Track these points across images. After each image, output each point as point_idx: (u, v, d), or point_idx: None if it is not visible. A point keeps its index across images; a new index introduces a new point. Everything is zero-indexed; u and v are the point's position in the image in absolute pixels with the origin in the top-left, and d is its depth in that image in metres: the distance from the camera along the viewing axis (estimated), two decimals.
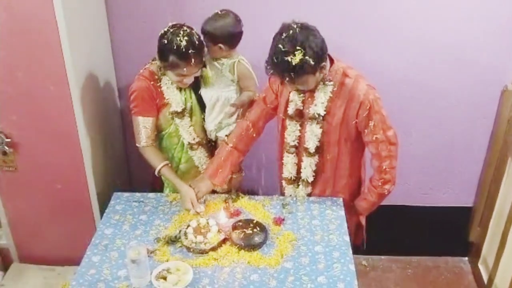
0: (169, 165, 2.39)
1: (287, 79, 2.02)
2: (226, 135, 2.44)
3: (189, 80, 2.28)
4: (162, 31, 2.21)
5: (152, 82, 2.30)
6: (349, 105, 2.15)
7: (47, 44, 2.21)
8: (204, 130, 2.50)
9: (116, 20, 2.72)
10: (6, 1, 2.12)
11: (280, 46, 1.97)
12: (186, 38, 2.15)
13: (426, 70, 2.78)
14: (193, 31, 2.22)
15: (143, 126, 2.34)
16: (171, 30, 2.18)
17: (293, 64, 1.95)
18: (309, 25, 2.01)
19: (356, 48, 2.67)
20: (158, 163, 2.35)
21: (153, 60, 2.36)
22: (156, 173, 2.37)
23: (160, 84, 2.31)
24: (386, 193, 2.28)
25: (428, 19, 2.64)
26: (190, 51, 2.15)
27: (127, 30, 2.74)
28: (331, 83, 2.15)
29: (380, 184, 2.26)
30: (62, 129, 2.40)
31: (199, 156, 2.47)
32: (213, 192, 2.52)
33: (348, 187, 2.40)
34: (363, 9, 2.62)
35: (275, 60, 1.98)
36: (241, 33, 2.30)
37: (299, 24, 2.00)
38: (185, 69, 2.19)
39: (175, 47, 2.15)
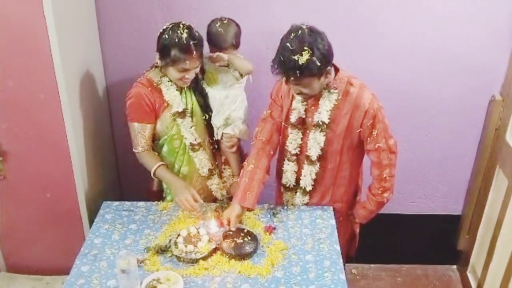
0: (165, 165, 2.38)
1: (292, 78, 2.02)
2: (234, 132, 2.48)
3: (191, 75, 2.27)
4: (161, 30, 2.22)
5: (149, 89, 2.30)
6: (354, 114, 2.16)
7: (37, 52, 2.20)
8: (205, 132, 2.48)
9: (106, 28, 2.71)
10: None
11: (288, 45, 1.98)
12: (186, 30, 2.18)
13: (414, 79, 2.80)
14: (192, 25, 2.23)
15: (139, 132, 2.33)
16: (170, 26, 2.21)
17: (300, 63, 1.96)
18: (318, 29, 2.03)
19: (344, 56, 2.69)
20: (153, 165, 2.35)
21: (150, 68, 2.36)
22: (152, 174, 2.36)
23: (160, 88, 2.30)
24: (385, 201, 2.31)
25: (417, 28, 2.67)
26: (191, 43, 2.17)
27: (118, 38, 2.73)
28: (336, 91, 2.16)
29: (379, 192, 2.28)
30: (52, 137, 2.39)
31: (200, 158, 2.44)
32: (214, 201, 2.51)
33: (346, 196, 2.41)
34: (351, 18, 2.64)
35: (282, 58, 1.99)
36: (237, 44, 2.38)
37: (308, 26, 2.02)
38: (187, 62, 2.18)
39: (176, 40, 2.16)
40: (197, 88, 2.42)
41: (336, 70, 2.19)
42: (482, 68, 2.75)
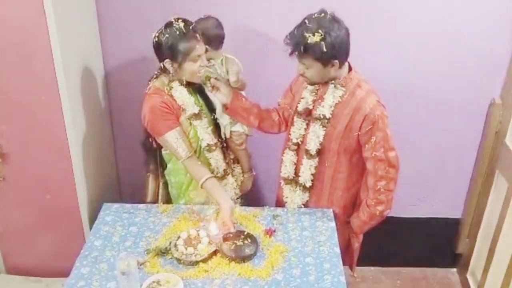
0: (214, 177, 2.32)
1: (296, 53, 2.06)
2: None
3: (205, 61, 2.24)
4: (156, 34, 2.19)
5: (165, 97, 2.25)
6: (354, 116, 2.16)
7: (38, 53, 2.21)
8: (216, 132, 2.46)
9: (107, 30, 2.72)
10: None
11: (306, 21, 2.03)
12: (180, 20, 2.18)
13: (414, 82, 2.81)
14: (180, 17, 2.23)
15: (176, 138, 2.25)
16: (163, 28, 2.19)
17: (307, 41, 1.99)
18: (342, 23, 2.06)
19: None
20: (203, 175, 2.28)
21: (151, 78, 2.32)
22: (200, 185, 2.29)
23: (171, 94, 2.27)
24: (377, 215, 2.26)
25: (417, 31, 2.67)
26: (190, 28, 2.17)
27: (119, 40, 2.74)
28: (343, 88, 2.17)
29: (373, 203, 2.25)
30: (53, 139, 2.39)
31: (216, 158, 2.41)
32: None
33: (344, 201, 2.38)
34: (352, 19, 2.61)
35: (295, 31, 2.04)
36: (222, 35, 2.36)
37: (334, 15, 2.05)
38: (197, 46, 2.17)
39: (177, 33, 2.14)
40: (202, 90, 2.41)
41: (349, 69, 2.20)
42: (482, 71, 2.75)
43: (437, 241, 3.25)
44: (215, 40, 2.35)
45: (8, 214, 2.57)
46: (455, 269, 3.35)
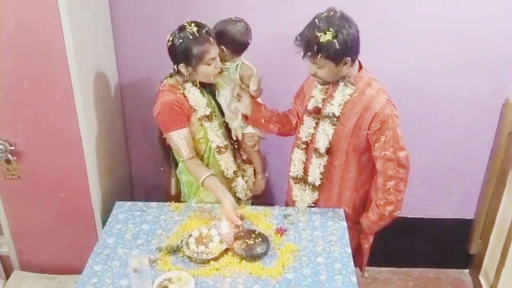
0: (215, 175, 2.37)
1: (309, 53, 2.05)
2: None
3: (219, 63, 2.26)
4: (170, 37, 2.20)
5: (178, 95, 2.28)
6: (363, 114, 2.15)
7: (53, 53, 2.23)
8: (227, 134, 2.48)
9: (120, 30, 2.74)
10: (13, 11, 2.15)
11: (316, 21, 2.03)
12: (193, 24, 2.19)
13: (427, 82, 2.79)
14: (193, 20, 2.23)
15: (180, 138, 2.29)
16: (176, 32, 2.20)
17: (320, 40, 1.99)
18: (352, 20, 2.05)
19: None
20: (203, 173, 2.33)
21: (165, 78, 2.33)
22: (200, 183, 2.34)
23: (184, 93, 2.29)
24: (387, 215, 2.25)
25: (430, 30, 2.66)
26: (204, 31, 2.18)
27: (131, 39, 2.76)
28: (353, 87, 2.16)
29: (382, 203, 2.23)
30: (66, 138, 2.42)
31: (226, 160, 2.43)
32: (237, 202, 2.49)
33: (353, 201, 2.38)
34: (363, 19, 2.59)
35: (306, 32, 2.04)
36: (246, 43, 2.32)
37: (343, 13, 2.04)
38: (211, 50, 2.19)
39: (191, 37, 2.15)
40: (214, 92, 2.41)
41: (360, 67, 2.19)
42: (495, 71, 2.73)
43: (449, 242, 3.23)
44: (239, 47, 2.32)
45: (22, 212, 2.60)
46: (467, 270, 3.32)
